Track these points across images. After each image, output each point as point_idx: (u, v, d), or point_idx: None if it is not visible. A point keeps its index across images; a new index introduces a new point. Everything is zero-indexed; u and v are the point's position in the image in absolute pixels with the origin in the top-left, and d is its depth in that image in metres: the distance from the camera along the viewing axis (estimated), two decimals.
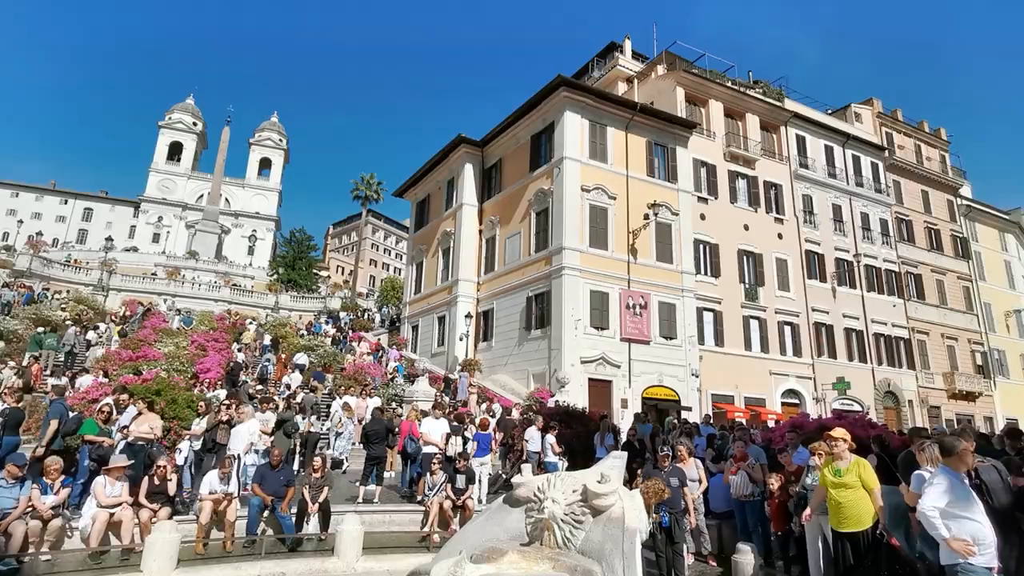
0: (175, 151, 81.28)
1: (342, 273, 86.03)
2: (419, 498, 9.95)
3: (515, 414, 15.78)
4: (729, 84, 30.06)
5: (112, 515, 7.51)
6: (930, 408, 30.35)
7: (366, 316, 40.42)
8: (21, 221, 70.09)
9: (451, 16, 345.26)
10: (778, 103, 31.09)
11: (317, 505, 8.54)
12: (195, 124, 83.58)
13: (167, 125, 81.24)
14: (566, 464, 11.08)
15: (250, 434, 9.92)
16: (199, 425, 9.86)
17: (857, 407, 26.50)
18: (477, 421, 12.27)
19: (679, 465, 8.05)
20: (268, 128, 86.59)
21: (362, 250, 71.68)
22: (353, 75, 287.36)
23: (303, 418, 12.49)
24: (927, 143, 38.41)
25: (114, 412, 9.42)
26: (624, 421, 15.81)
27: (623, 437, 12.25)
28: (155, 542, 6.76)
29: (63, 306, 25.02)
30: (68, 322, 20.93)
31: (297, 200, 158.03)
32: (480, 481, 10.67)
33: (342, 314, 38.69)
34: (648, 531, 6.58)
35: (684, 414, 20.99)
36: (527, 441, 11.60)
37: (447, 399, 17.51)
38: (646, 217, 23.45)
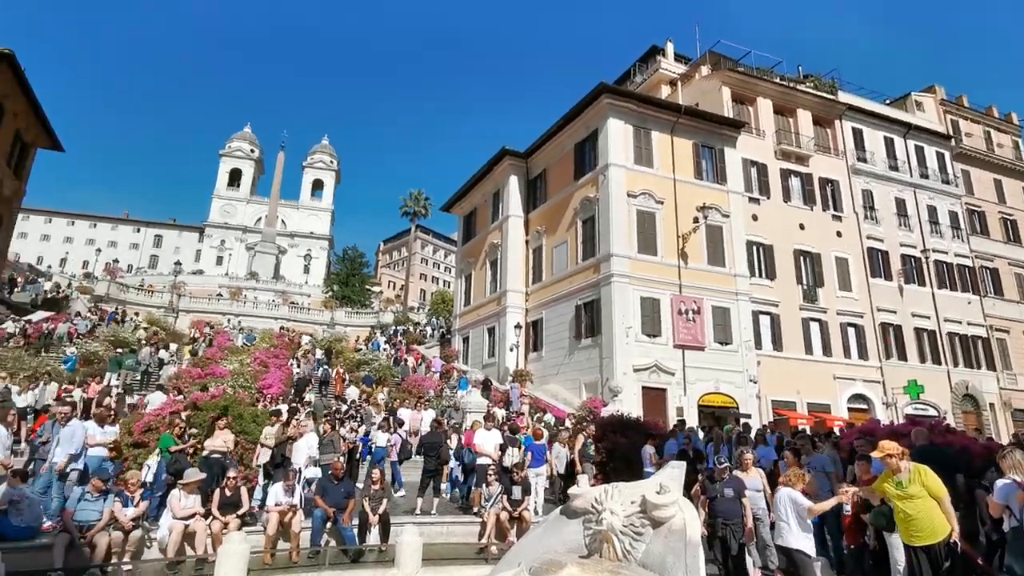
0: (235, 178, 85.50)
1: (393, 288, 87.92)
2: (475, 509, 10.00)
3: (568, 424, 15.68)
4: (777, 80, 29.18)
5: (187, 526, 7.87)
6: (1014, 412, 28.24)
7: (417, 330, 41.16)
8: (99, 250, 75.39)
9: (492, 30, 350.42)
10: (831, 96, 29.95)
11: (377, 516, 8.71)
12: (252, 151, 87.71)
13: (227, 153, 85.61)
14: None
15: (308, 448, 10.24)
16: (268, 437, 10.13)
17: (933, 412, 24.97)
18: (530, 431, 12.25)
19: (740, 474, 7.79)
20: (319, 151, 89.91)
21: (412, 265, 73.14)
22: (399, 93, 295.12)
23: (349, 427, 12.77)
24: (998, 129, 36.08)
25: (188, 428, 9.90)
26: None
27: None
28: (227, 553, 7.05)
29: (143, 327, 26.54)
30: (143, 343, 22.24)
31: (348, 218, 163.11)
32: (536, 492, 10.64)
33: (398, 328, 39.54)
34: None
35: (743, 421, 20.32)
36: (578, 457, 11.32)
37: (499, 411, 17.57)
38: (695, 220, 22.97)
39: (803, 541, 5.87)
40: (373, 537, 8.74)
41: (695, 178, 24.23)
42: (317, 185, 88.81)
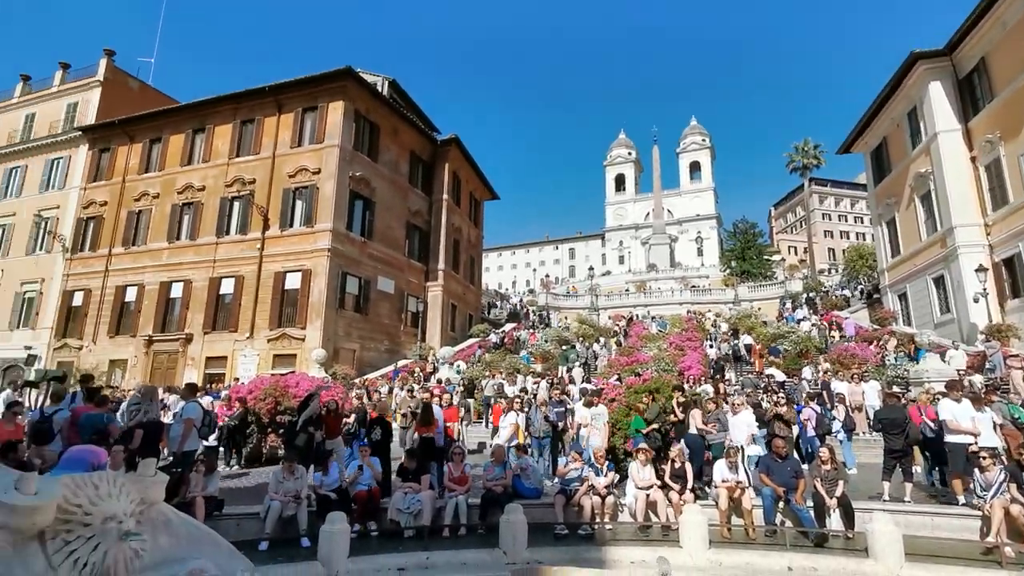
0: (620, 182, 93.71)
1: (795, 253, 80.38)
2: (959, 499, 8.15)
3: None
4: None
5: (648, 495, 8.83)
6: None
7: (833, 293, 36.40)
8: (534, 269, 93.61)
9: None
10: None
11: (835, 500, 7.99)
12: (630, 154, 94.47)
13: (610, 163, 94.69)
14: None
15: (747, 425, 10.17)
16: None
17: None
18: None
19: None
20: (690, 133, 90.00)
21: (812, 223, 65.28)
22: (756, 41, 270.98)
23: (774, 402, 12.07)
24: None
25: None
26: None
27: None
28: (687, 522, 7.62)
29: (579, 330, 31.50)
30: (579, 338, 26.28)
31: (732, 192, 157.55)
32: None
33: (810, 295, 36.03)
34: None
35: None
36: None
37: (978, 378, 13.89)
38: None
39: None
40: (834, 522, 8.04)
41: None
42: (694, 167, 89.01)
